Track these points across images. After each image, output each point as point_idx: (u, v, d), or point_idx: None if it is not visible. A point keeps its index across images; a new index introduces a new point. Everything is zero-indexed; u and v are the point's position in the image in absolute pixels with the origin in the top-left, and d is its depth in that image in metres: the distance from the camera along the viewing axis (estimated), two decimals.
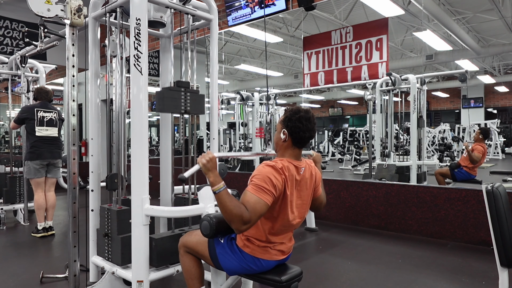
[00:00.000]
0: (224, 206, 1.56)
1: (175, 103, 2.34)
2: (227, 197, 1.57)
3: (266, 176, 1.63)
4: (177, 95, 2.35)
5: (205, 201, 2.14)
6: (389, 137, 6.36)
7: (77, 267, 2.40)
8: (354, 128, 12.29)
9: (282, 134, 1.77)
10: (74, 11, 2.30)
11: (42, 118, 4.01)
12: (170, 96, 2.32)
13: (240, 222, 1.54)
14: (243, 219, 1.54)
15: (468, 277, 2.84)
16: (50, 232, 4.06)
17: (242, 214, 1.54)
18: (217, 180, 1.61)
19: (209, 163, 1.64)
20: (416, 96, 5.86)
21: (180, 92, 2.36)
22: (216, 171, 1.64)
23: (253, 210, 1.56)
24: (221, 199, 1.57)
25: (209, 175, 1.63)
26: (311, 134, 1.77)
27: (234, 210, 1.54)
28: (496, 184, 1.71)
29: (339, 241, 3.86)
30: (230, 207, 1.54)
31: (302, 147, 1.80)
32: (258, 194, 1.59)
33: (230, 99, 9.37)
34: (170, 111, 2.45)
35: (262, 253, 1.76)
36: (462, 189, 3.72)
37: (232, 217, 1.54)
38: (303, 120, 1.73)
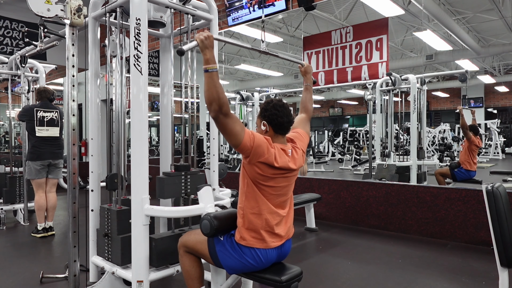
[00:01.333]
0: (213, 85, 1.62)
1: (175, 189, 2.40)
2: (217, 79, 1.64)
3: (260, 136, 1.74)
4: (178, 180, 2.41)
5: (205, 201, 2.14)
6: (389, 137, 6.36)
7: (77, 267, 2.40)
8: (354, 128, 12.29)
9: (262, 126, 1.85)
10: (74, 11, 2.30)
11: (42, 118, 4.00)
12: (171, 182, 2.37)
13: (219, 105, 1.60)
14: (223, 107, 1.61)
15: (468, 277, 2.84)
16: (50, 232, 4.05)
17: (225, 101, 1.62)
18: (213, 60, 1.66)
19: (206, 40, 1.68)
20: (416, 96, 5.86)
21: (180, 176, 2.41)
22: (212, 50, 1.70)
23: (233, 117, 1.66)
24: (213, 78, 1.63)
25: (206, 52, 1.67)
26: (289, 119, 1.84)
27: (221, 93, 1.61)
28: (496, 184, 1.71)
29: (339, 241, 3.86)
30: (218, 89, 1.61)
31: (284, 133, 1.87)
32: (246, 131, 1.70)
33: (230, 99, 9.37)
34: (170, 197, 2.49)
35: (259, 242, 1.77)
36: (462, 189, 3.72)
37: (216, 97, 1.60)
38: (277, 106, 1.82)
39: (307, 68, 2.28)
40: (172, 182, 2.37)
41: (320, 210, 4.62)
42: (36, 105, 4.07)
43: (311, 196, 4.23)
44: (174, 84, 2.81)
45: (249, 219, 1.78)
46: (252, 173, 1.75)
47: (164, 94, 2.85)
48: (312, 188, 4.73)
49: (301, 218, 4.31)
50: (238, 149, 1.71)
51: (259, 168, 1.73)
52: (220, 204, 2.23)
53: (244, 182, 1.80)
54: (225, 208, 2.18)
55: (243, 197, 1.81)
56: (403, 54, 11.88)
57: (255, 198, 1.77)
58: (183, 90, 2.66)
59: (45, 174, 4.07)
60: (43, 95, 4.13)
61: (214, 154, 2.76)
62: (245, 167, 1.78)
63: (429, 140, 12.26)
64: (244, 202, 1.80)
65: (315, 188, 4.71)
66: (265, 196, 1.78)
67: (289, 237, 1.91)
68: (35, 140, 3.96)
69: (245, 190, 1.80)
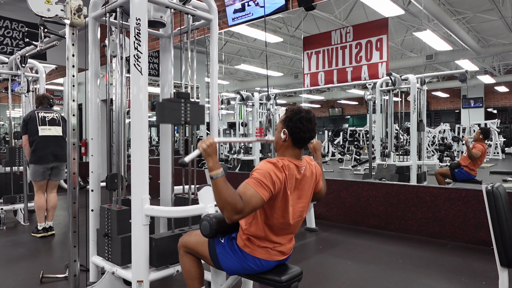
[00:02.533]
0: (219, 192, 1.56)
1: (175, 114, 2.35)
2: (223, 184, 1.57)
3: (267, 172, 1.64)
4: (177, 106, 2.36)
5: (205, 201, 2.14)
6: (389, 137, 6.36)
7: (77, 267, 2.40)
8: (354, 128, 12.29)
9: (283, 134, 1.77)
10: (74, 11, 2.30)
11: (44, 118, 4.01)
12: (170, 107, 2.33)
13: (233, 211, 1.55)
14: (236, 209, 1.54)
15: (468, 277, 2.84)
16: (50, 232, 4.05)
17: (236, 203, 1.54)
18: (216, 166, 1.62)
19: (209, 148, 1.65)
20: (416, 96, 5.86)
21: (180, 103, 2.37)
22: (216, 156, 1.66)
23: (247, 202, 1.57)
24: (218, 185, 1.57)
25: (209, 160, 1.64)
26: (311, 135, 1.77)
27: (228, 198, 1.55)
28: (496, 184, 1.71)
29: (339, 241, 3.86)
30: (225, 195, 1.55)
31: (302, 147, 1.80)
32: (256, 188, 1.60)
33: (230, 99, 9.37)
34: (170, 122, 2.45)
35: (262, 253, 1.76)
36: (462, 189, 3.72)
37: (226, 204, 1.55)
38: (303, 120, 1.73)
39: (316, 145, 2.11)
40: (172, 107, 2.32)
41: (320, 210, 4.62)
42: (35, 109, 4.11)
43: None
44: (174, 84, 2.81)
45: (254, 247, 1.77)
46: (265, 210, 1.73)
47: (164, 94, 2.85)
48: None
49: None
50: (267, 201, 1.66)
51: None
52: None
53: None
54: None
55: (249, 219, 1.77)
56: (403, 54, 11.88)
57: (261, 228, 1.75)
58: (183, 90, 2.66)
59: (47, 176, 4.06)
60: (44, 101, 4.16)
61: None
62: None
63: (429, 140, 12.26)
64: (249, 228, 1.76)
65: None
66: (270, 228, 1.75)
67: (291, 252, 1.89)
68: (38, 141, 3.94)
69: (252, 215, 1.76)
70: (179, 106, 2.35)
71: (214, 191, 1.58)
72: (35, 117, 3.97)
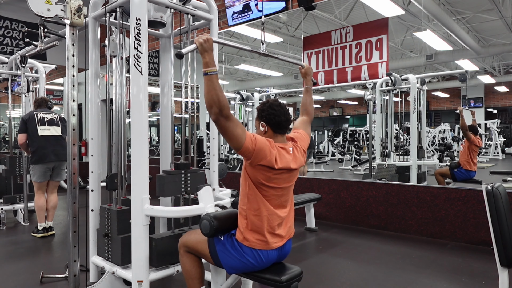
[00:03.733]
0: (213, 88, 1.61)
1: (175, 187, 2.39)
2: (217, 81, 1.63)
3: (261, 138, 1.74)
4: (178, 178, 2.40)
5: (205, 201, 2.14)
6: (389, 137, 6.36)
7: (77, 267, 2.40)
8: (354, 128, 12.29)
9: (261, 126, 1.85)
10: (74, 11, 2.30)
11: (43, 118, 4.01)
12: (170, 180, 2.36)
13: (220, 108, 1.60)
14: (224, 110, 1.61)
15: (468, 277, 2.84)
16: (50, 232, 4.05)
17: (225, 104, 1.61)
18: (212, 63, 1.66)
19: (206, 43, 1.69)
20: (416, 96, 5.86)
21: (180, 175, 2.40)
22: (212, 53, 1.70)
23: (234, 119, 1.66)
24: (212, 80, 1.62)
25: (205, 55, 1.67)
26: (287, 117, 1.84)
27: (221, 96, 1.61)
28: (496, 184, 1.71)
29: (339, 241, 3.86)
30: (218, 92, 1.61)
31: (283, 133, 1.87)
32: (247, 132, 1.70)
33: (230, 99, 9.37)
34: (170, 195, 2.47)
35: (261, 244, 1.77)
36: (462, 189, 3.72)
37: (216, 100, 1.60)
38: (274, 106, 1.83)
39: (307, 69, 2.26)
40: (172, 180, 2.36)
41: (320, 210, 4.62)
42: (35, 109, 4.12)
43: (311, 196, 4.23)
44: (174, 84, 2.81)
45: (252, 221, 1.78)
46: (254, 175, 1.75)
47: (164, 94, 2.86)
48: (312, 188, 4.73)
49: (301, 218, 4.31)
50: (239, 152, 1.71)
51: (261, 171, 1.73)
52: (220, 204, 2.23)
53: (245, 184, 1.80)
54: (225, 208, 2.18)
55: (245, 198, 1.81)
56: (403, 54, 11.87)
57: (256, 200, 1.78)
58: (183, 90, 2.66)
59: (48, 177, 4.06)
60: (42, 103, 4.18)
61: (214, 154, 2.76)
62: (246, 169, 1.78)
63: (429, 140, 12.26)
64: (246, 203, 1.80)
65: (315, 188, 4.71)
66: (266, 197, 1.78)
67: (290, 236, 1.91)
68: (38, 141, 3.94)
69: (247, 192, 1.79)
70: (179, 178, 2.40)
71: (208, 87, 1.62)
72: (34, 118, 3.97)
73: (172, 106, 2.79)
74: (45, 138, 3.97)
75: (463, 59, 11.01)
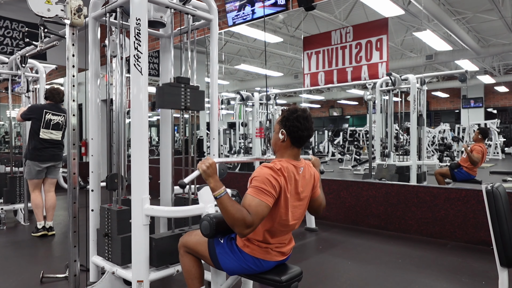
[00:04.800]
0: (226, 211, 1.56)
1: (175, 99, 2.33)
2: (228, 201, 1.57)
3: (265, 178, 1.62)
4: (177, 91, 2.35)
5: (205, 201, 2.14)
6: (389, 137, 6.36)
7: (77, 267, 2.40)
8: (354, 128, 12.29)
9: (281, 134, 1.76)
10: (74, 11, 2.30)
11: (49, 121, 3.96)
12: (170, 92, 2.31)
13: (243, 226, 1.54)
14: (246, 223, 1.53)
15: (468, 277, 2.84)
16: (50, 232, 4.05)
17: (244, 218, 1.53)
18: (218, 186, 1.61)
19: (209, 169, 1.64)
20: (416, 96, 5.86)
21: (180, 88, 2.36)
22: (216, 176, 1.65)
23: (255, 213, 1.55)
24: (223, 204, 1.57)
25: (210, 181, 1.63)
26: (309, 133, 1.77)
27: (236, 214, 1.54)
28: (496, 184, 1.71)
29: (339, 241, 3.87)
30: (232, 212, 1.54)
31: (301, 147, 1.80)
32: (259, 197, 1.59)
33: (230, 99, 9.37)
34: (170, 107, 2.43)
35: (262, 253, 1.76)
36: (462, 189, 3.72)
37: (235, 221, 1.54)
38: (301, 119, 1.74)
39: (315, 161, 2.09)
40: (172, 92, 2.32)
41: None
42: (45, 106, 3.99)
43: None
44: None
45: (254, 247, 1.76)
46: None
47: None
48: None
49: None
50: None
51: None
52: None
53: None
54: None
55: None
56: (403, 54, 11.88)
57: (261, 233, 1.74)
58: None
59: (43, 175, 4.06)
60: (56, 97, 4.03)
61: (214, 154, 2.76)
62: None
63: (429, 140, 12.26)
64: None
65: None
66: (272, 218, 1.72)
67: (290, 253, 1.89)
68: (37, 141, 3.93)
69: None
70: (179, 91, 2.35)
71: (221, 210, 1.58)
72: (41, 117, 3.90)
73: None
74: (44, 141, 3.97)
75: (463, 59, 11.02)
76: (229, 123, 13.57)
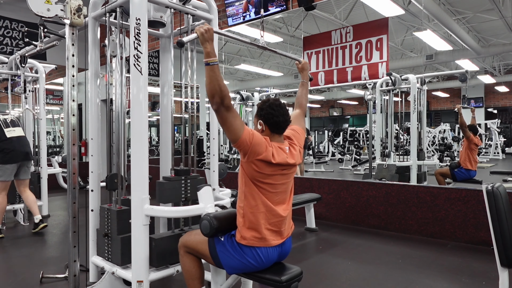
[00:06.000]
0: (215, 77, 1.63)
1: (175, 193, 2.39)
2: (218, 71, 1.66)
3: (259, 134, 1.76)
4: (177, 185, 2.40)
5: (205, 201, 2.14)
6: (389, 137, 6.36)
7: (77, 267, 2.40)
8: (354, 128, 12.29)
9: (259, 125, 1.86)
10: (74, 11, 2.29)
11: (5, 120, 4.04)
12: (171, 187, 2.36)
13: (221, 97, 1.63)
14: (225, 99, 1.64)
15: (468, 277, 2.84)
16: (42, 224, 4.09)
17: (227, 94, 1.65)
18: (213, 53, 1.68)
19: (207, 33, 1.70)
20: (416, 96, 5.86)
21: (180, 181, 2.40)
22: (212, 43, 1.71)
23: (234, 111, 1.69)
24: (214, 71, 1.65)
25: (206, 45, 1.69)
26: (285, 118, 1.85)
27: (222, 86, 1.64)
28: (496, 184, 1.71)
29: (339, 241, 3.86)
30: (219, 81, 1.64)
31: (281, 133, 1.88)
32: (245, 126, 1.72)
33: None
34: (170, 202, 2.45)
35: (259, 241, 1.77)
36: (462, 189, 3.72)
37: (218, 89, 1.63)
38: (273, 106, 1.83)
39: (304, 64, 2.32)
40: (172, 187, 2.37)
41: (320, 210, 4.62)
42: None
43: (311, 196, 4.23)
44: (174, 84, 2.81)
45: (249, 218, 1.78)
46: (250, 171, 1.75)
47: (164, 94, 2.85)
48: (312, 188, 4.72)
49: (301, 218, 4.31)
50: (236, 145, 1.72)
51: (257, 166, 1.74)
52: (220, 204, 2.22)
53: (242, 181, 1.81)
54: (225, 208, 2.18)
55: (242, 196, 1.81)
56: (403, 54, 11.87)
57: (254, 197, 1.78)
58: (183, 90, 2.66)
59: (13, 176, 4.06)
60: None
61: (214, 154, 2.76)
62: (243, 165, 1.79)
63: (429, 140, 12.26)
64: (243, 201, 1.80)
65: (315, 188, 4.71)
66: (264, 194, 1.78)
67: (289, 234, 1.91)
68: (6, 143, 3.95)
69: (244, 189, 1.80)
70: (179, 185, 2.40)
71: (209, 78, 1.64)
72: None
73: (172, 106, 2.79)
74: (12, 139, 3.99)
75: (463, 59, 11.01)
76: None
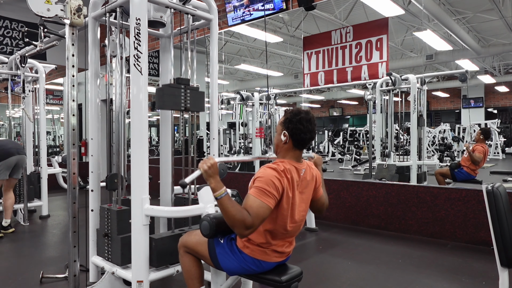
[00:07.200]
0: (226, 211, 1.55)
1: (175, 100, 2.33)
2: (229, 202, 1.56)
3: (269, 179, 1.62)
4: (177, 92, 2.34)
5: (205, 201, 2.14)
6: (389, 137, 6.35)
7: (77, 267, 2.40)
8: (354, 128, 12.29)
9: (283, 136, 1.76)
10: (74, 11, 2.30)
11: None
12: (170, 93, 2.31)
13: (243, 227, 1.53)
14: (246, 224, 1.53)
15: (468, 277, 2.84)
16: (10, 230, 4.14)
17: (244, 219, 1.52)
18: (219, 186, 1.59)
19: (210, 169, 1.62)
20: (416, 96, 5.85)
21: (180, 89, 2.36)
22: (217, 176, 1.63)
23: (256, 215, 1.55)
24: (223, 204, 1.56)
25: (210, 181, 1.61)
26: (311, 136, 1.76)
27: (236, 215, 1.53)
28: (496, 184, 1.71)
29: (339, 241, 3.86)
30: (233, 213, 1.53)
31: (303, 149, 1.79)
32: (261, 198, 1.58)
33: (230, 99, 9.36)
34: (170, 108, 2.43)
35: (262, 254, 1.76)
36: (462, 189, 3.71)
37: (235, 222, 1.53)
38: (303, 121, 1.72)
39: (317, 160, 2.05)
40: (172, 93, 2.31)
41: None
42: None
43: None
44: None
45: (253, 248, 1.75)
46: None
47: None
48: None
49: None
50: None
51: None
52: None
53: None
54: None
55: None
56: (403, 54, 11.88)
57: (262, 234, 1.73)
58: None
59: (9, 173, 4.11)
60: None
61: (214, 154, 2.76)
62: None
63: (429, 140, 12.26)
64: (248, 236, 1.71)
65: None
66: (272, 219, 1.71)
67: (290, 254, 1.88)
68: None
69: None
70: (179, 92, 2.34)
71: (222, 211, 1.57)
72: None
73: None
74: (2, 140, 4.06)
75: (463, 59, 11.02)
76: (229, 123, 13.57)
